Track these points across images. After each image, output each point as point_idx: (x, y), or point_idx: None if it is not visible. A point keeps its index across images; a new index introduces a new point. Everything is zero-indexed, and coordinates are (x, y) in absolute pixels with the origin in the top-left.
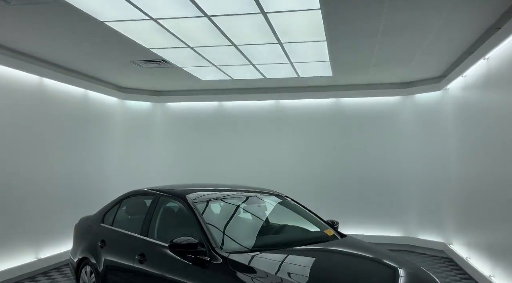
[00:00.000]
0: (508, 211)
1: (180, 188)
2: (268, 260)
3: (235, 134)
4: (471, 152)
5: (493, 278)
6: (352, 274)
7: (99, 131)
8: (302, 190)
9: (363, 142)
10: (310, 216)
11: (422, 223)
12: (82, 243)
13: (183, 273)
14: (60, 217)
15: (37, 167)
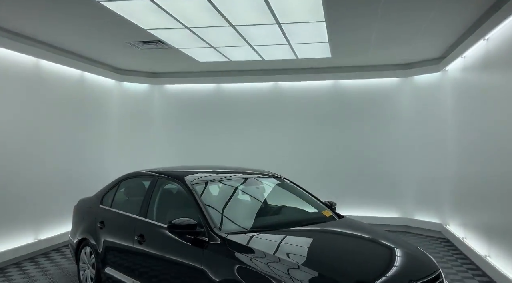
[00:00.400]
0: (504, 192)
1: (178, 170)
2: (266, 240)
3: (233, 116)
4: (469, 133)
5: (489, 258)
6: (349, 254)
7: (96, 113)
8: (300, 172)
9: (361, 124)
10: (308, 197)
11: (419, 204)
12: (81, 224)
13: (182, 253)
14: (59, 199)
15: (35, 150)
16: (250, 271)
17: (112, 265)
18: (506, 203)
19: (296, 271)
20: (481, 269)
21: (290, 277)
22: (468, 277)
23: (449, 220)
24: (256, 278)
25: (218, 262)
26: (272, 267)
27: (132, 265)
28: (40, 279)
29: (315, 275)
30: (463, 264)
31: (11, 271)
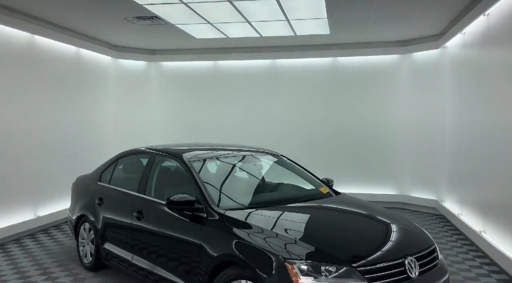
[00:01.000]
0: (500, 168)
1: (176, 147)
2: (264, 216)
3: (230, 94)
4: (467, 111)
5: (484, 233)
6: (346, 229)
7: (92, 90)
8: (298, 149)
9: (359, 102)
10: (305, 174)
11: (415, 181)
12: (80, 201)
13: (181, 229)
14: (57, 176)
15: (31, 128)
16: (248, 246)
17: (111, 240)
18: (502, 180)
19: (293, 246)
20: (475, 244)
21: (287, 251)
22: (462, 252)
23: (445, 196)
24: (254, 253)
25: (216, 237)
26: (269, 242)
27: (131, 241)
28: (40, 255)
29: (312, 250)
30: (458, 240)
31: (11, 247)
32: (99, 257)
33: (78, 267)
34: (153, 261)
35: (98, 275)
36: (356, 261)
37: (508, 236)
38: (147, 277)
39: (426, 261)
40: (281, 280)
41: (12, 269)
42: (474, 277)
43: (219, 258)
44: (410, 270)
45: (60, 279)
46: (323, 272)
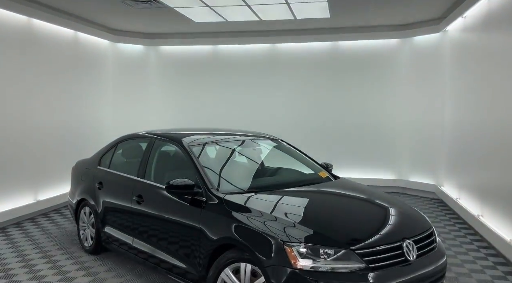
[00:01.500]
0: (499, 153)
1: (175, 131)
2: (263, 200)
3: (230, 79)
4: (467, 95)
5: (482, 217)
6: (344, 213)
7: (91, 74)
8: (297, 134)
9: (359, 86)
10: (304, 159)
11: (414, 165)
12: (80, 185)
13: (180, 213)
14: (57, 160)
15: (30, 111)
16: (247, 229)
17: (111, 224)
18: (501, 165)
19: (292, 229)
20: (473, 228)
21: (286, 235)
22: (460, 236)
23: (443, 181)
24: (253, 236)
25: (216, 221)
26: (268, 225)
27: (131, 224)
28: (41, 238)
29: (311, 233)
30: (456, 224)
31: (12, 231)
32: (99, 241)
33: (78, 250)
34: (153, 245)
35: (98, 258)
36: (354, 244)
37: (505, 220)
38: (147, 260)
39: (424, 244)
40: (280, 263)
41: (13, 252)
42: (471, 260)
43: (219, 241)
44: (408, 253)
45: (61, 262)
46: (321, 255)
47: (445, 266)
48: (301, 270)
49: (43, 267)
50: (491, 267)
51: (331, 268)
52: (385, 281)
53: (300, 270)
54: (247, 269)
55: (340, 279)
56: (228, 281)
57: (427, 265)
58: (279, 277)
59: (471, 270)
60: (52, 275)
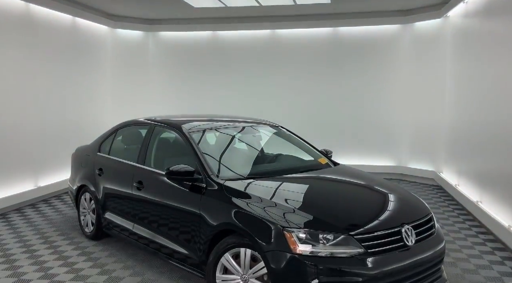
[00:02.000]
0: (498, 139)
1: (175, 118)
2: (263, 186)
3: (229, 65)
4: (468, 82)
5: (481, 203)
6: (344, 199)
7: (89, 60)
8: (297, 120)
9: (360, 72)
10: (304, 145)
11: (413, 152)
12: (80, 171)
13: (180, 199)
14: (56, 147)
15: (29, 98)
16: (247, 215)
17: (112, 210)
18: (500, 151)
19: (292, 215)
20: (472, 214)
21: (286, 220)
22: (459, 222)
23: (442, 167)
24: (253, 222)
25: (216, 207)
26: (268, 211)
27: (132, 210)
28: (42, 224)
29: (310, 219)
30: (455, 210)
31: (13, 216)
32: (100, 226)
33: (79, 236)
34: (154, 230)
35: (99, 244)
36: (353, 229)
37: (504, 206)
38: (148, 245)
39: (422, 229)
40: (280, 248)
41: (14, 237)
42: (469, 245)
43: (219, 227)
44: (407, 238)
45: (62, 248)
46: (321, 240)
47: (444, 251)
48: (300, 255)
49: (44, 252)
50: (489, 253)
51: (330, 253)
52: (384, 266)
53: (300, 255)
54: (247, 254)
55: (339, 263)
56: (228, 266)
57: (426, 250)
58: (278, 262)
59: (469, 255)
60: (53, 260)
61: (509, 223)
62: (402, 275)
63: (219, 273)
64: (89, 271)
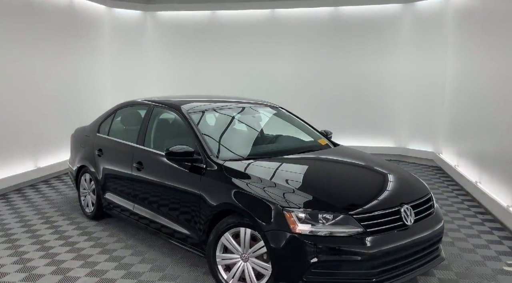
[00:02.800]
0: (498, 120)
1: (174, 99)
2: (263, 167)
3: (229, 45)
4: (469, 62)
5: (480, 184)
6: (343, 179)
7: (87, 40)
8: (297, 102)
9: (360, 53)
10: (304, 126)
11: (413, 133)
12: (80, 152)
13: (180, 179)
14: (55, 128)
15: (27, 79)
16: (247, 195)
17: (112, 191)
18: (500, 131)
19: (291, 195)
20: (470, 194)
21: (285, 200)
22: (457, 202)
23: (442, 148)
24: (253, 202)
25: (215, 187)
26: (268, 191)
27: (132, 191)
28: (42, 204)
29: (310, 199)
30: (454, 190)
31: (13, 197)
32: (100, 207)
33: (80, 216)
34: (154, 210)
35: (100, 224)
36: (352, 209)
37: (503, 186)
38: (149, 225)
39: (421, 209)
40: (280, 228)
41: (15, 217)
42: (468, 225)
43: (219, 207)
44: (406, 218)
45: (63, 228)
46: (320, 220)
47: (442, 231)
48: (300, 235)
49: (45, 232)
50: (487, 232)
51: (330, 232)
52: (382, 245)
53: (299, 235)
54: (247, 233)
55: (338, 243)
56: (228, 245)
57: (424, 229)
58: (278, 241)
59: (468, 235)
60: (54, 240)
61: (508, 203)
62: (400, 254)
63: (219, 252)
64: (90, 250)
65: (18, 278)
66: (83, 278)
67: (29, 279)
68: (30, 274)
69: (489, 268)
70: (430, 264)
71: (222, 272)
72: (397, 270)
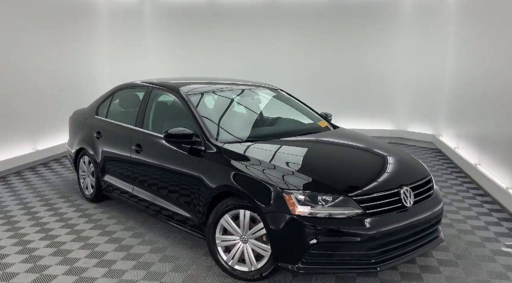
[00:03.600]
0: (498, 102)
1: (173, 81)
2: (262, 149)
3: (227, 29)
4: (470, 46)
5: (479, 166)
6: (343, 162)
7: (85, 22)
8: (297, 84)
9: (360, 35)
10: (303, 108)
11: (413, 116)
12: (78, 134)
13: (179, 162)
14: (54, 110)
15: (25, 61)
16: (246, 177)
17: (111, 173)
18: (500, 114)
19: (291, 177)
20: (470, 176)
21: (285, 182)
22: (456, 184)
23: (442, 131)
24: (252, 184)
25: (214, 169)
26: (267, 173)
27: (131, 173)
28: (42, 187)
29: (309, 181)
30: (453, 173)
31: (12, 180)
32: (100, 189)
33: (80, 198)
34: (153, 193)
35: (100, 206)
36: (352, 191)
37: (502, 168)
38: (148, 208)
39: (421, 191)
40: (279, 210)
41: (14, 200)
42: (467, 207)
43: (218, 189)
44: (405, 199)
45: (63, 210)
46: (319, 202)
47: (441, 212)
48: (299, 216)
49: (45, 214)
50: (486, 214)
51: (329, 214)
52: (382, 226)
53: (298, 216)
54: (246, 215)
55: (337, 224)
56: (228, 227)
57: (424, 211)
58: (277, 223)
59: (466, 217)
60: (54, 222)
61: (508, 185)
62: (399, 235)
63: (219, 234)
64: (90, 232)
65: (19, 260)
66: (83, 259)
67: (30, 260)
68: (30, 256)
69: (488, 249)
70: (429, 245)
71: (222, 254)
72: (396, 251)
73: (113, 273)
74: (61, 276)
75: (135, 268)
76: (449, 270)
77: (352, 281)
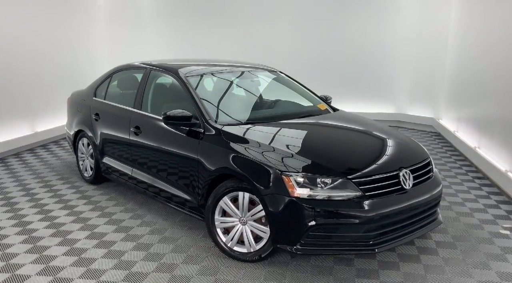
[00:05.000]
0: (498, 85)
1: (172, 62)
2: (261, 132)
3: (227, 10)
4: (471, 27)
5: (478, 149)
6: (342, 144)
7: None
8: (296, 66)
9: (359, 17)
10: (303, 91)
11: (413, 99)
12: (77, 116)
13: (178, 144)
14: (52, 92)
15: (23, 44)
16: (245, 159)
17: (110, 155)
18: (500, 97)
19: (290, 159)
20: (469, 159)
21: (284, 164)
22: (455, 167)
23: (442, 114)
24: (251, 166)
25: (214, 152)
26: (266, 156)
27: (130, 155)
28: (41, 169)
29: (308, 163)
30: (452, 156)
31: (11, 161)
32: (99, 171)
33: (79, 180)
34: (153, 175)
35: (99, 188)
36: (351, 173)
37: (502, 151)
38: (147, 189)
39: (420, 173)
40: (278, 192)
41: (14, 181)
42: (465, 190)
43: (217, 171)
44: (404, 181)
45: (62, 191)
46: (318, 184)
47: (440, 195)
48: (298, 198)
49: (44, 195)
50: (484, 197)
51: (328, 196)
52: (380, 208)
53: (297, 198)
54: (245, 197)
55: (336, 206)
56: (227, 209)
57: (423, 193)
58: (276, 205)
59: (465, 199)
60: (54, 203)
61: (507, 168)
62: (398, 217)
63: (218, 216)
64: (90, 213)
65: (18, 240)
66: (83, 240)
67: (29, 241)
68: (30, 237)
69: (486, 231)
70: (427, 227)
71: (221, 235)
72: (395, 233)
73: (112, 253)
74: (61, 257)
75: (134, 249)
76: (447, 252)
77: (350, 262)
